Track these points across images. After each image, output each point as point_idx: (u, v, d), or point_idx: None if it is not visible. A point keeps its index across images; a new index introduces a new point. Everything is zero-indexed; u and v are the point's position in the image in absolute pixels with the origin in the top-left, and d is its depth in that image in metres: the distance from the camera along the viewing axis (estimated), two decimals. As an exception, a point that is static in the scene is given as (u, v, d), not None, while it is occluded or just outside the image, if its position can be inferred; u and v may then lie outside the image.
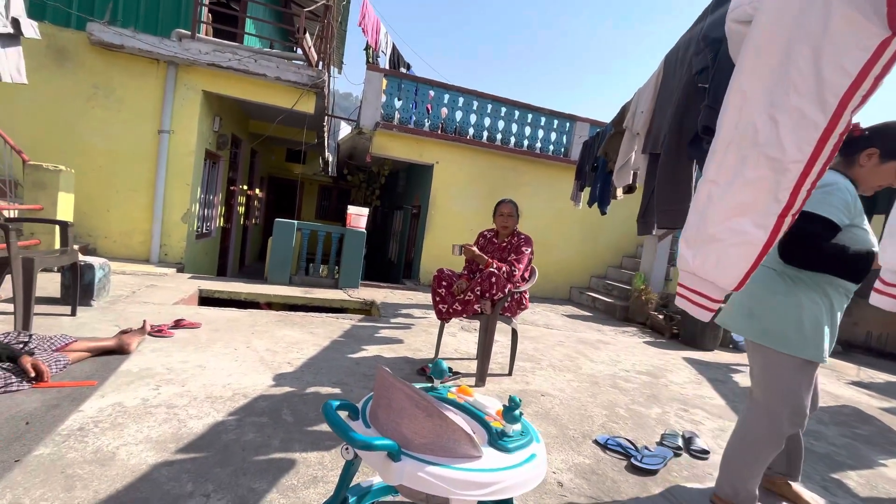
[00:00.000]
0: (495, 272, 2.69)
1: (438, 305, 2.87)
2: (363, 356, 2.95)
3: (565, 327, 5.01)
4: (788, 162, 1.04)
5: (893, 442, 2.80)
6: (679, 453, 2.16)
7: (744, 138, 1.10)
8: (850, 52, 0.92)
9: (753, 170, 1.08)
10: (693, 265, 1.23)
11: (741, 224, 1.11)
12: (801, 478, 2.10)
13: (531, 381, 2.93)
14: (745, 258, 1.13)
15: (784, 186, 1.06)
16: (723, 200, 1.14)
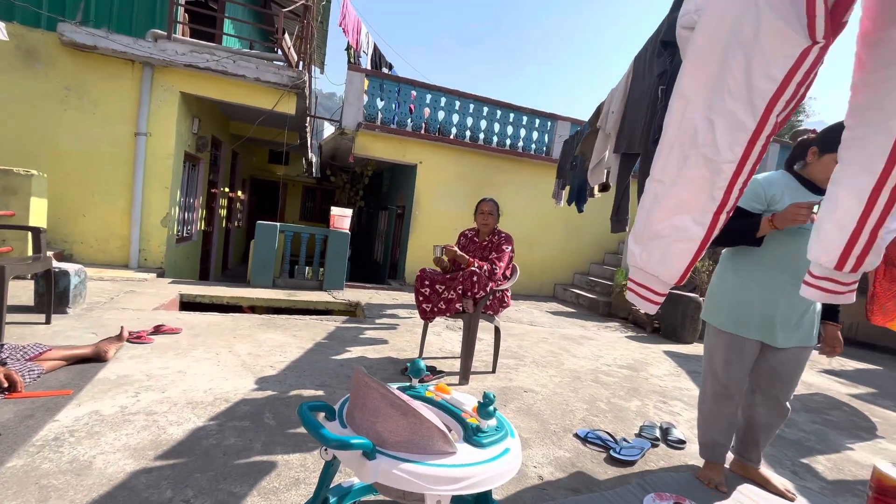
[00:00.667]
0: (477, 271, 2.72)
1: (422, 305, 2.88)
2: (347, 358, 2.95)
3: (549, 324, 5.07)
4: (722, 162, 1.10)
5: (861, 427, 2.92)
6: (657, 444, 2.22)
7: (685, 139, 1.15)
8: (777, 60, 0.97)
9: (693, 169, 1.14)
10: (640, 260, 1.28)
11: (682, 221, 1.17)
12: (773, 462, 2.18)
13: (514, 377, 2.96)
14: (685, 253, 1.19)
15: (719, 185, 1.12)
16: (666, 199, 1.20)
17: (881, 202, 0.99)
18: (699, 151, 1.13)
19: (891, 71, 0.94)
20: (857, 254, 1.04)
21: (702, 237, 1.16)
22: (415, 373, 1.30)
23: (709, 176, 1.12)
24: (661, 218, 1.22)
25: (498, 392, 2.66)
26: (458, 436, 1.13)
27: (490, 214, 2.96)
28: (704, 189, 1.14)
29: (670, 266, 1.23)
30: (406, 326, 4.03)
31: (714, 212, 1.15)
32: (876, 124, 0.96)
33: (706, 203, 1.14)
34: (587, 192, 4.15)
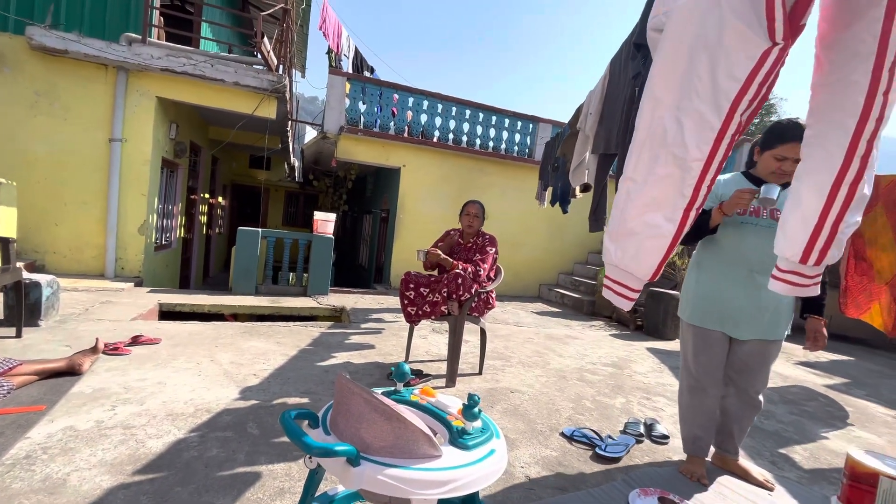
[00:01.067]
0: (461, 273, 2.72)
1: (407, 308, 2.87)
2: (332, 364, 2.92)
3: (535, 324, 5.10)
4: (691, 160, 1.14)
5: (835, 416, 3.02)
6: (641, 440, 2.25)
7: (655, 138, 1.18)
8: (739, 61, 1.01)
9: (663, 167, 1.17)
10: (615, 258, 1.31)
11: (654, 218, 1.20)
12: (752, 454, 2.24)
13: (501, 378, 2.97)
14: (658, 250, 1.22)
15: (688, 183, 1.15)
16: (639, 196, 1.23)
17: (840, 197, 1.03)
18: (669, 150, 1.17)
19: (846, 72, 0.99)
20: (820, 247, 1.08)
21: (673, 233, 1.20)
22: (399, 377, 1.29)
23: (678, 174, 1.16)
24: (634, 215, 1.25)
25: (485, 393, 2.66)
26: (444, 439, 1.13)
27: (476, 217, 2.97)
28: (675, 186, 1.17)
29: (643, 262, 1.26)
30: (392, 330, 4.01)
31: (684, 209, 1.18)
32: (834, 123, 1.00)
33: (677, 200, 1.18)
34: (570, 193, 4.20)
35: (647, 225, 1.23)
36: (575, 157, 2.89)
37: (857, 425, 2.87)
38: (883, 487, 1.54)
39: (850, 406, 3.27)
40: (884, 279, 3.31)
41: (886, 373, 4.59)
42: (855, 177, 1.01)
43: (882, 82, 0.94)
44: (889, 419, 3.06)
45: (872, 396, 3.59)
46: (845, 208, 1.03)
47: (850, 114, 0.98)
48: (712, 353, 1.80)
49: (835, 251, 1.09)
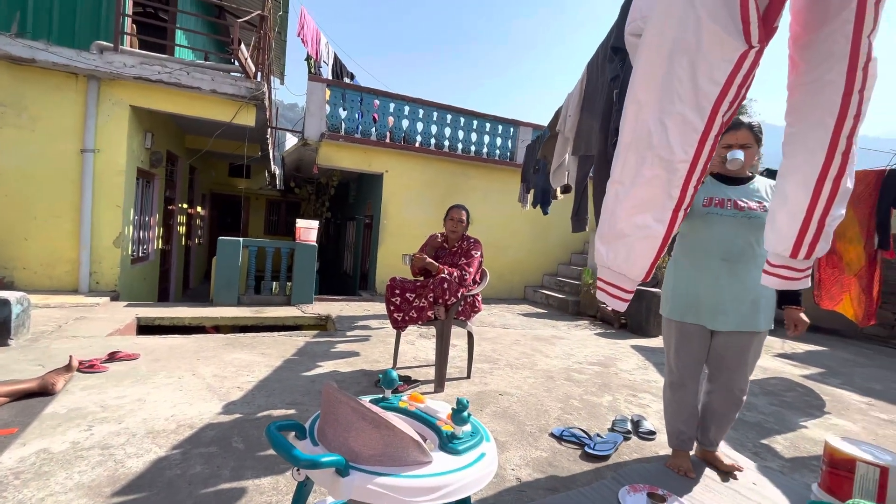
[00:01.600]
0: (447, 278, 2.72)
1: (393, 314, 2.86)
2: (319, 373, 2.88)
3: (521, 326, 5.13)
4: (677, 162, 1.16)
5: (813, 405, 3.11)
6: (629, 437, 2.28)
7: (640, 141, 1.21)
8: (718, 64, 1.04)
9: (650, 169, 1.19)
10: (607, 260, 1.33)
11: (644, 219, 1.22)
12: (736, 445, 2.29)
13: (489, 381, 2.98)
14: (649, 251, 1.24)
15: (675, 184, 1.18)
16: (627, 198, 1.25)
17: (825, 192, 1.06)
18: (654, 153, 1.19)
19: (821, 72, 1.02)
20: (809, 241, 1.11)
21: (663, 234, 1.22)
22: (387, 384, 1.28)
23: (665, 175, 1.18)
24: (623, 218, 1.26)
25: (474, 397, 2.66)
26: (434, 444, 1.12)
27: (460, 221, 2.98)
28: (662, 188, 1.19)
29: (636, 263, 1.28)
30: (378, 337, 3.98)
31: (673, 209, 1.20)
32: (814, 122, 1.04)
33: (665, 201, 1.20)
34: (551, 195, 4.25)
35: (636, 227, 1.25)
36: (555, 159, 2.93)
37: (834, 413, 2.96)
38: (860, 472, 1.60)
39: (826, 395, 3.37)
40: (853, 271, 3.44)
41: (859, 361, 4.75)
42: (838, 172, 1.05)
43: (857, 81, 0.98)
44: (863, 406, 3.17)
45: (847, 385, 3.71)
46: (831, 202, 1.06)
47: (828, 112, 1.01)
48: (692, 347, 1.83)
49: (823, 244, 1.12)
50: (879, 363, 4.76)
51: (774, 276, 1.21)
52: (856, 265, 3.38)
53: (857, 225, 3.32)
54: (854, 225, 3.34)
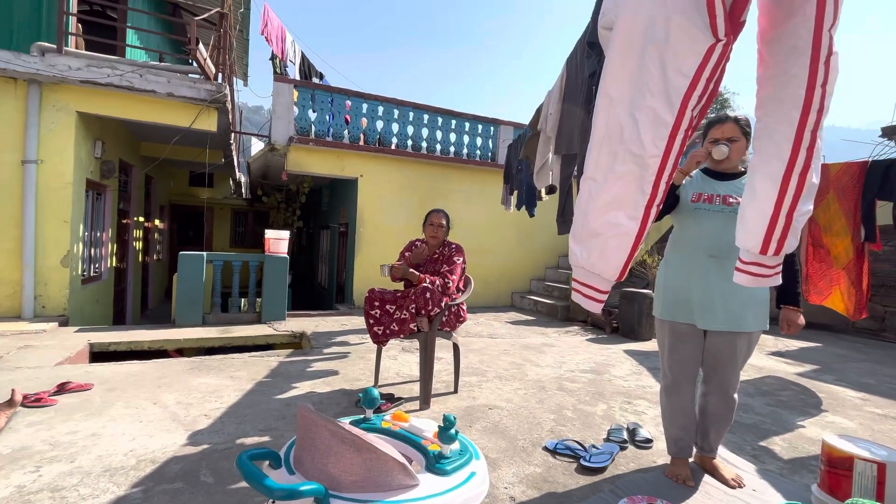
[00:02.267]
0: (429, 287, 2.72)
1: (373, 328, 2.83)
2: (294, 395, 2.83)
3: (509, 335, 5.18)
4: (648, 157, 1.21)
5: (809, 403, 3.22)
6: (625, 446, 2.31)
7: (612, 136, 1.25)
8: (687, 57, 1.09)
9: (622, 165, 1.23)
10: (581, 259, 1.36)
11: (617, 217, 1.26)
12: (734, 448, 2.34)
13: (478, 395, 2.99)
14: (622, 249, 1.28)
15: (647, 180, 1.22)
16: (600, 195, 1.29)
17: (792, 187, 1.12)
18: (626, 148, 1.23)
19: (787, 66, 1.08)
20: (778, 237, 1.16)
21: (636, 231, 1.25)
22: (368, 403, 1.27)
23: (637, 171, 1.22)
24: (596, 215, 1.30)
25: (462, 412, 2.65)
26: (420, 466, 1.11)
27: (440, 226, 2.98)
28: (634, 184, 1.23)
29: (609, 262, 1.31)
30: (358, 353, 3.95)
31: (645, 206, 1.24)
32: (781, 115, 1.09)
33: (637, 198, 1.24)
34: (535, 196, 4.30)
35: (609, 224, 1.28)
36: (538, 158, 2.97)
37: (830, 411, 3.07)
38: (858, 470, 1.66)
39: (821, 392, 3.49)
40: (841, 264, 3.58)
41: (852, 356, 4.95)
42: (803, 166, 1.10)
43: (819, 75, 1.04)
44: (858, 402, 3.30)
45: (841, 381, 3.87)
46: (797, 198, 1.11)
47: (794, 106, 1.07)
48: (685, 347, 1.87)
49: (791, 240, 1.17)
50: (872, 357, 4.97)
51: (745, 274, 1.26)
52: (843, 259, 3.53)
53: (843, 217, 3.47)
54: (840, 218, 3.49)
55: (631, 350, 4.73)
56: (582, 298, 1.46)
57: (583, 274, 1.41)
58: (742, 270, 1.25)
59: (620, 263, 1.31)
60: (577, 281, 1.45)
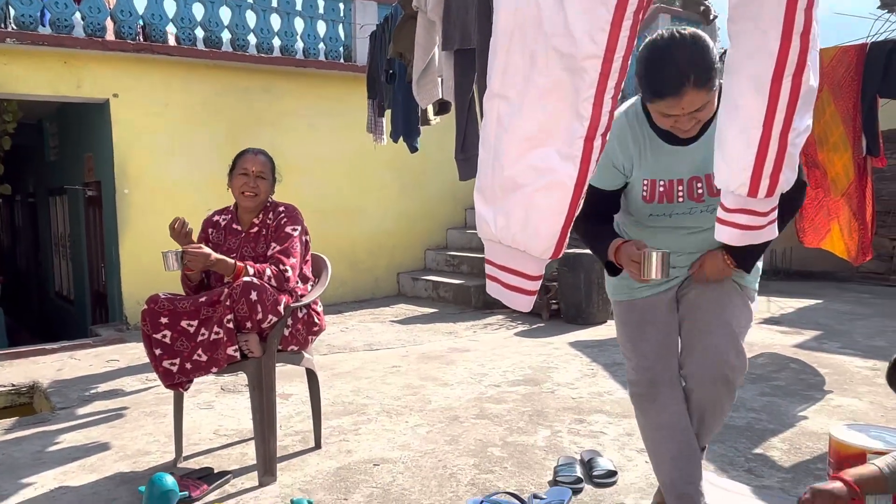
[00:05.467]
0: (253, 282, 2.64)
1: (163, 364, 2.71)
2: (26, 499, 2.62)
3: (398, 341, 5.27)
4: (583, 58, 1.26)
5: (811, 384, 3.81)
6: (579, 487, 2.50)
7: (527, 27, 1.29)
8: None
9: (545, 73, 1.27)
10: (495, 229, 1.41)
11: (544, 157, 1.31)
12: (724, 464, 2.70)
13: (355, 446, 3.03)
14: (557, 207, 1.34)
15: (584, 95, 1.28)
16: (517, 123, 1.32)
17: (784, 94, 1.24)
18: (549, 44, 1.26)
19: None
20: (771, 170, 1.30)
21: (575, 177, 1.31)
22: (159, 502, 1.19)
23: (568, 81, 1.26)
24: (514, 156, 1.33)
25: (330, 479, 2.67)
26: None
27: (259, 177, 2.90)
28: (566, 102, 1.27)
29: (540, 230, 1.36)
30: (143, 407, 3.79)
31: (584, 136, 1.30)
32: None
33: (572, 124, 1.29)
34: (418, 118, 4.30)
35: (535, 169, 1.31)
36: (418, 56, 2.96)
37: (836, 391, 3.67)
38: (871, 467, 1.99)
39: (825, 367, 4.15)
40: (839, 189, 4.21)
41: (858, 313, 5.93)
42: (798, 63, 1.22)
43: None
44: (868, 373, 3.98)
45: (847, 348, 4.63)
46: (792, 109, 1.24)
47: None
48: (655, 329, 2.02)
49: (788, 172, 1.32)
50: (881, 310, 6.01)
51: (730, 226, 1.40)
52: (843, 181, 4.14)
53: (840, 124, 4.05)
54: (838, 125, 4.06)
55: (579, 341, 5.09)
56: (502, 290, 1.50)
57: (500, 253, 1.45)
58: (725, 222, 1.38)
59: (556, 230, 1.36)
60: (494, 264, 1.48)
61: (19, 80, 5.92)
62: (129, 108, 6.35)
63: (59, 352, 5.38)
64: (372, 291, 7.71)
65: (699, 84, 1.54)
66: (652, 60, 1.60)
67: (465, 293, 6.82)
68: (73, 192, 8.14)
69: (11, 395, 4.39)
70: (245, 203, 2.94)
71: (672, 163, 1.84)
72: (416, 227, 8.08)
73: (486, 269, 1.51)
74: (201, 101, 6.70)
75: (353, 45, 7.58)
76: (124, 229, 6.39)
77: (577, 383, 3.94)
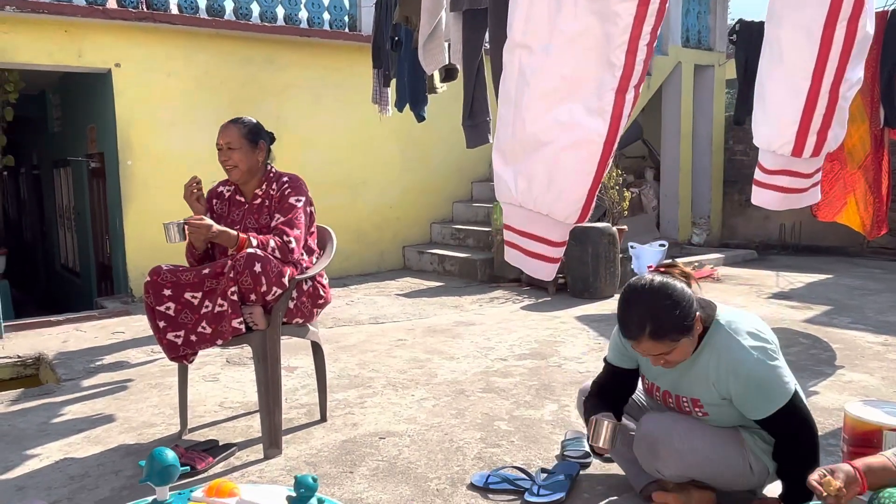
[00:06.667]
0: (257, 253, 2.62)
1: (167, 336, 2.72)
2: (31, 470, 2.64)
3: (404, 314, 5.32)
4: (616, 1, 1.18)
5: (821, 360, 3.82)
6: (588, 462, 2.50)
7: None
8: None
9: (573, 19, 1.20)
10: (517, 192, 1.35)
11: (571, 113, 1.25)
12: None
13: (361, 419, 3.05)
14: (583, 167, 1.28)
15: (616, 42, 1.21)
16: (540, 76, 1.26)
17: (838, 40, 1.16)
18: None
19: None
20: (819, 125, 1.22)
21: (604, 134, 1.25)
22: (159, 477, 1.16)
23: (599, 27, 1.19)
24: (537, 112, 1.26)
25: (336, 452, 2.69)
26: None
27: (232, 149, 2.85)
28: (595, 51, 1.21)
29: (563, 192, 1.30)
30: (148, 379, 3.82)
31: (616, 88, 1.23)
32: None
33: (602, 75, 1.22)
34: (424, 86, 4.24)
35: (560, 125, 1.25)
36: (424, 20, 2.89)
37: (847, 366, 3.67)
38: (889, 443, 1.96)
39: (836, 342, 4.14)
40: (857, 162, 4.13)
41: (870, 288, 5.91)
42: (854, 6, 1.14)
43: None
44: (879, 349, 3.98)
45: (858, 323, 4.64)
46: (845, 58, 1.17)
47: None
48: None
49: (837, 129, 1.25)
50: (892, 286, 6.02)
51: (770, 189, 1.33)
52: (860, 153, 4.06)
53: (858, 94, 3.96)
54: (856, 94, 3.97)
55: (586, 315, 5.10)
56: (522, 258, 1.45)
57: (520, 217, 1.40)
58: (765, 185, 1.31)
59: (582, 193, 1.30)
60: (513, 230, 1.43)
61: (19, 50, 5.88)
62: (131, 79, 6.31)
63: (64, 324, 5.43)
64: (378, 265, 7.71)
65: (655, 336, 1.64)
66: (623, 300, 1.71)
67: (471, 267, 6.81)
68: (76, 164, 8.13)
69: (17, 366, 4.44)
70: (230, 176, 2.93)
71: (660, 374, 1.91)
72: (422, 200, 8.06)
73: (505, 236, 1.46)
74: (204, 72, 6.65)
75: (358, 13, 7.47)
76: (128, 201, 6.39)
77: (584, 357, 3.95)
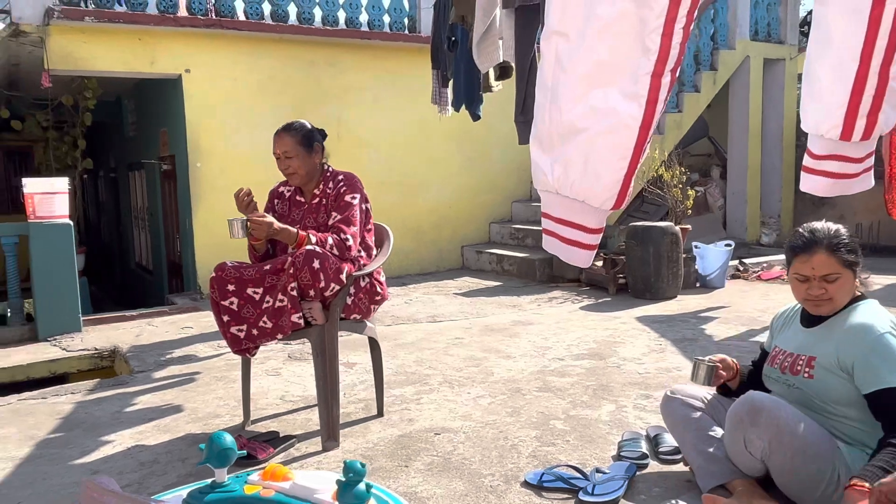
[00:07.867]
0: (316, 250, 2.68)
1: (231, 329, 2.80)
2: (105, 456, 2.77)
3: (461, 313, 5.31)
4: None
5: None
6: (645, 463, 2.46)
7: None
8: None
9: (609, 3, 1.19)
10: (553, 179, 1.34)
11: (606, 98, 1.23)
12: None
13: (416, 415, 3.06)
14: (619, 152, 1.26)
15: (652, 25, 1.19)
16: (575, 63, 1.25)
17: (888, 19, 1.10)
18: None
19: None
20: (868, 108, 1.17)
21: (640, 119, 1.23)
22: (218, 459, 1.21)
23: (634, 10, 1.18)
24: (572, 98, 1.26)
25: (392, 446, 2.72)
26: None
27: (287, 157, 2.92)
28: (631, 35, 1.19)
29: (599, 177, 1.30)
30: (215, 372, 3.94)
31: (651, 72, 1.21)
32: None
33: (637, 59, 1.20)
34: (479, 85, 4.24)
35: (595, 111, 1.24)
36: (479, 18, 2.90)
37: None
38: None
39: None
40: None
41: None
42: None
43: None
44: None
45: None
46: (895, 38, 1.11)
47: None
48: None
49: (889, 111, 1.19)
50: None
51: (818, 175, 1.29)
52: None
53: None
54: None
55: (646, 316, 5.00)
56: (559, 245, 1.45)
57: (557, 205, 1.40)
58: (812, 170, 1.27)
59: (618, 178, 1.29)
60: (550, 217, 1.43)
61: (97, 58, 6.13)
62: (200, 84, 6.51)
63: (137, 319, 5.63)
64: (436, 264, 7.74)
65: (831, 249, 1.67)
66: (795, 236, 1.78)
67: (529, 266, 6.78)
68: (149, 167, 8.38)
69: (94, 358, 4.62)
70: (291, 181, 3.03)
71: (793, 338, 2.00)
72: (480, 199, 8.05)
73: (543, 224, 1.46)
74: (268, 76, 6.80)
75: (417, 15, 7.52)
76: (197, 202, 6.59)
77: (643, 358, 3.88)
